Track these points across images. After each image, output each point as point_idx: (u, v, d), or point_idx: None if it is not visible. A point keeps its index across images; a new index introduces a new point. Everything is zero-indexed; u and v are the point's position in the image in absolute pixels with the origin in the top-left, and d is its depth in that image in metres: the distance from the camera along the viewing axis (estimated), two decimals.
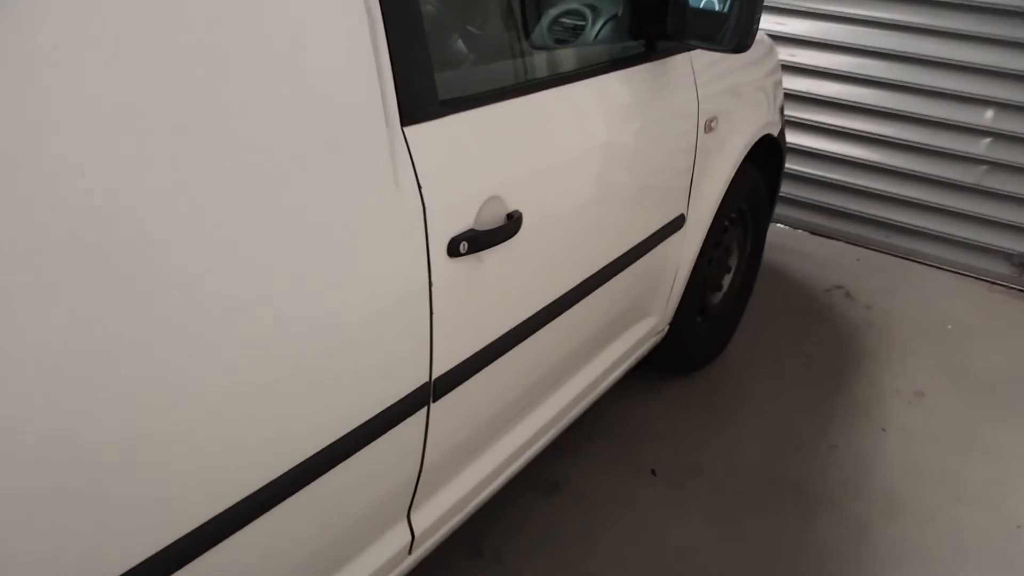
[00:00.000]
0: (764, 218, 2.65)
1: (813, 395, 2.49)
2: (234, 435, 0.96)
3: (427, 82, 1.16)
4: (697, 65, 1.91)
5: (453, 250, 1.21)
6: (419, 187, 1.14)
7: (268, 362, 0.97)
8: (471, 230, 1.24)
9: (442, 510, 1.44)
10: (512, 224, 1.31)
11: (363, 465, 1.17)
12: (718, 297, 2.54)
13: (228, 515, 0.97)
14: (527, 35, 1.72)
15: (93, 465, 0.82)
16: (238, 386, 0.94)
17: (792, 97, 3.53)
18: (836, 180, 3.61)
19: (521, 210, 1.33)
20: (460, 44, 1.75)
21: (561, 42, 1.82)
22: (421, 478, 1.34)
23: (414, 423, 1.25)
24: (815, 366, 2.65)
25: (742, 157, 2.21)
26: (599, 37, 1.78)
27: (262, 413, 0.98)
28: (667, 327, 2.23)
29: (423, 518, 1.40)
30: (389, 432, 1.20)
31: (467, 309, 1.29)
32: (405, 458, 1.29)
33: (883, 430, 2.35)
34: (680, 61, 1.85)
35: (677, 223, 1.97)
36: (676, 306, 2.19)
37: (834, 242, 3.61)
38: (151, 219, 0.83)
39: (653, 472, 2.12)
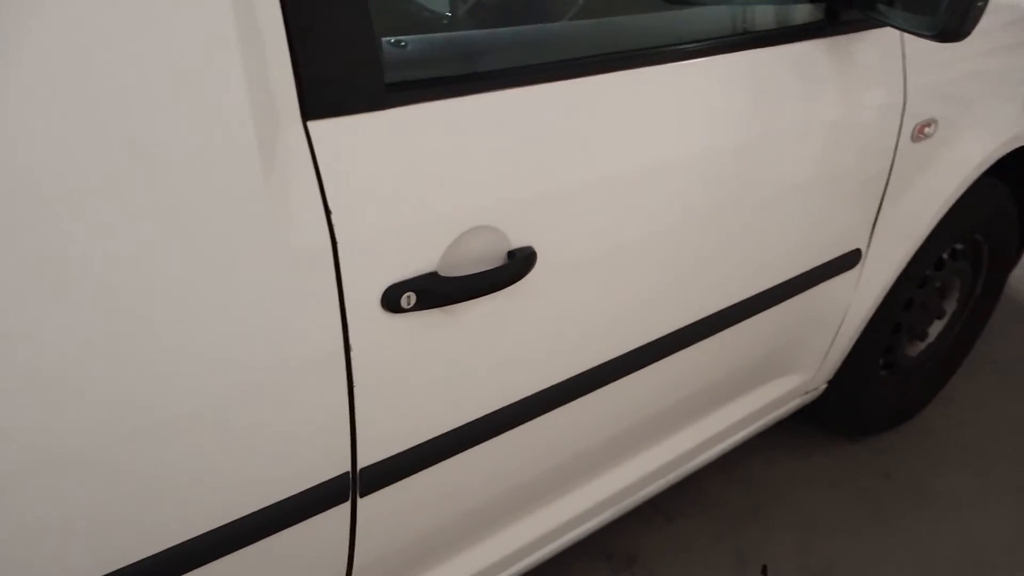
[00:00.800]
0: (1009, 253, 1.97)
1: None
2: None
3: (360, 54, 0.77)
4: (912, 47, 1.32)
5: (392, 303, 0.83)
6: (327, 212, 0.77)
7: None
8: (430, 275, 0.85)
9: None
10: (515, 265, 0.91)
11: (249, 564, 0.88)
12: (918, 348, 1.93)
13: None
14: None
15: None
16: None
17: None
18: None
19: (535, 246, 0.92)
20: None
21: None
22: None
23: (330, 520, 0.92)
24: None
25: (978, 174, 1.58)
26: None
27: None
28: (824, 385, 1.70)
29: None
30: (284, 531, 0.89)
31: (419, 382, 0.92)
32: (318, 561, 0.96)
33: None
34: (883, 38, 1.29)
35: (846, 261, 1.43)
36: (840, 362, 1.64)
37: None
38: None
39: (764, 570, 1.63)
